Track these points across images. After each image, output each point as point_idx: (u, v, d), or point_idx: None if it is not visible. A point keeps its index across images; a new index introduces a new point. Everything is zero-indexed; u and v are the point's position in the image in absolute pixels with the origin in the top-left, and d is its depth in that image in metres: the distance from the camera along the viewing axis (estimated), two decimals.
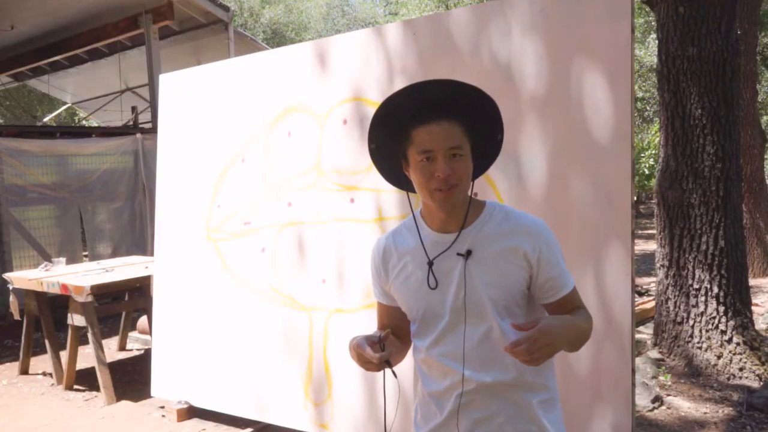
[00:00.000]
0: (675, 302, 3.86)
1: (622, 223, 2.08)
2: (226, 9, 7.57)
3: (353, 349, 1.24)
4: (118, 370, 4.29)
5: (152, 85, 7.14)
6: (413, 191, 1.31)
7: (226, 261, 3.14)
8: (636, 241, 2.09)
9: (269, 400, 2.94)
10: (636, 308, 3.98)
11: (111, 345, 4.93)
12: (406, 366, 1.37)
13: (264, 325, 2.98)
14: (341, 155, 2.72)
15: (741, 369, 3.61)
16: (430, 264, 1.25)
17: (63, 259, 4.67)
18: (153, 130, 6.39)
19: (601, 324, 2.12)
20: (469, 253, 1.24)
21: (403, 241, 1.33)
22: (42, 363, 4.45)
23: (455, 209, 1.24)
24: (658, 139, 7.34)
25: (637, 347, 4.02)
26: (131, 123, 8.89)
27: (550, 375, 1.31)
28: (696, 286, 3.76)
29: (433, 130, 1.19)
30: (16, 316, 4.26)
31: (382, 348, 1.19)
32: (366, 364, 1.22)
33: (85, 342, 4.23)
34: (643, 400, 3.28)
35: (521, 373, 1.24)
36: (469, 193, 1.27)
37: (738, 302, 3.75)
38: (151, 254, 4.27)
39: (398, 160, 1.28)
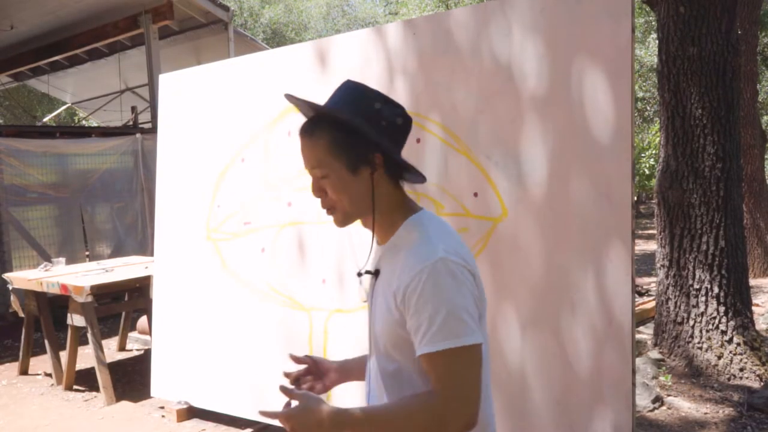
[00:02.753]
0: (675, 302, 3.85)
1: (622, 223, 2.07)
2: (226, 9, 7.57)
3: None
4: (117, 370, 4.29)
5: (152, 85, 7.14)
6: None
7: (226, 261, 3.14)
8: (636, 241, 2.08)
9: (269, 401, 2.94)
10: (636, 308, 3.98)
11: (111, 345, 4.93)
12: None
13: (264, 325, 2.97)
14: None
15: (741, 369, 3.61)
16: (359, 275, 1.16)
17: (63, 259, 4.67)
18: (153, 130, 6.39)
19: (601, 324, 2.11)
20: (377, 272, 1.12)
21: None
22: (42, 363, 4.44)
23: (367, 223, 1.13)
24: (658, 139, 7.34)
25: (638, 347, 4.02)
26: (131, 123, 8.88)
27: None
28: (696, 286, 3.76)
29: (301, 148, 1.10)
30: (20, 314, 4.25)
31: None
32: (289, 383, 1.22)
33: (85, 342, 4.23)
34: (643, 401, 3.28)
35: None
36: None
37: (738, 302, 3.74)
38: (151, 254, 4.27)
39: None
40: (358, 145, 1.06)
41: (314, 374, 1.25)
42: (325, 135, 1.07)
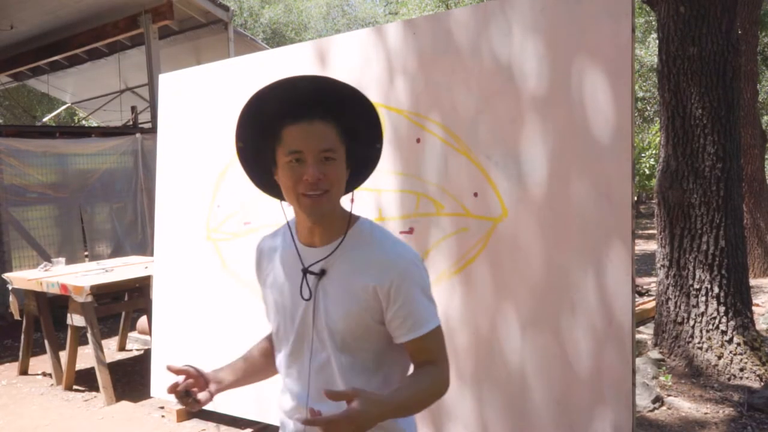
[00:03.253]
0: (675, 302, 3.85)
1: (622, 223, 2.07)
2: (226, 9, 7.56)
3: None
4: (117, 370, 4.29)
5: (152, 85, 7.14)
6: (283, 199, 1.20)
7: (226, 261, 3.14)
8: (636, 241, 2.08)
9: (269, 401, 2.93)
10: (636, 308, 3.97)
11: (110, 345, 4.93)
12: None
13: (264, 325, 2.96)
14: None
15: (742, 369, 3.61)
16: (305, 272, 1.15)
17: (62, 259, 4.66)
18: (153, 130, 6.39)
19: (601, 324, 2.11)
20: (322, 272, 1.14)
21: (275, 246, 1.26)
22: (41, 363, 4.44)
23: (324, 220, 1.13)
24: (658, 139, 7.33)
25: (638, 347, 4.02)
26: (131, 123, 8.88)
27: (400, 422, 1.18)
28: (696, 286, 3.75)
29: (304, 129, 1.08)
30: (16, 316, 4.25)
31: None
32: (180, 400, 1.20)
33: (85, 342, 4.23)
34: (643, 401, 3.28)
35: None
36: (349, 207, 1.18)
37: (738, 302, 3.74)
38: (151, 254, 4.27)
39: (266, 162, 1.16)
40: (356, 138, 1.15)
41: (199, 384, 1.21)
42: (336, 120, 1.11)
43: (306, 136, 1.08)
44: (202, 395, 1.21)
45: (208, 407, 3.20)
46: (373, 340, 1.14)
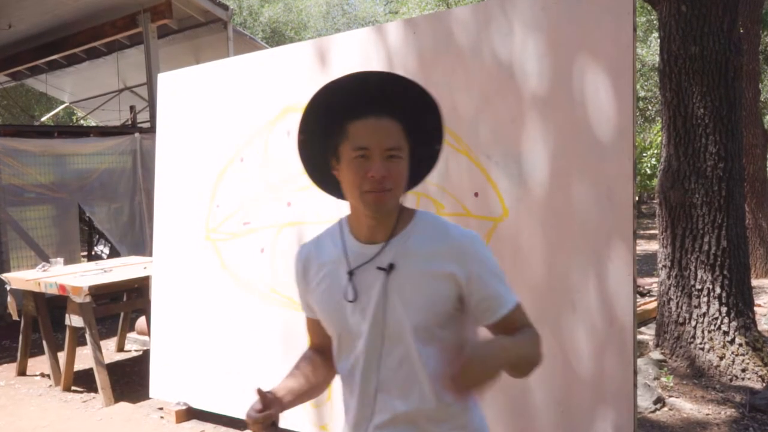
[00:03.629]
0: (677, 303, 3.83)
1: (623, 223, 2.05)
2: (225, 8, 7.55)
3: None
4: (116, 371, 4.27)
5: (150, 85, 7.11)
6: (339, 196, 1.19)
7: (225, 261, 3.12)
8: (638, 241, 2.06)
9: None
10: (638, 309, 3.95)
11: (109, 346, 4.91)
12: None
13: (263, 325, 2.95)
14: None
15: (743, 370, 3.59)
16: (351, 274, 1.12)
17: (61, 260, 4.65)
18: (151, 130, 6.36)
19: (602, 325, 2.10)
20: (391, 267, 1.11)
21: (324, 250, 1.20)
22: (40, 364, 4.42)
23: (386, 217, 1.12)
24: (660, 138, 7.32)
25: (639, 348, 4.00)
26: (129, 122, 8.87)
27: (473, 411, 1.18)
28: (698, 286, 3.74)
29: (371, 126, 1.07)
30: (15, 317, 4.24)
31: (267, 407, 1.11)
32: (253, 426, 1.13)
33: (83, 343, 4.21)
34: (645, 402, 3.26)
35: (443, 404, 1.11)
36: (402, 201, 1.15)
37: (740, 303, 3.72)
38: (150, 254, 4.25)
39: (327, 156, 1.14)
40: (418, 136, 1.13)
41: (271, 406, 1.17)
42: (403, 118, 1.10)
43: (373, 132, 1.07)
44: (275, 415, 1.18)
45: (207, 407, 3.19)
46: (453, 326, 1.14)
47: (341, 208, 1.17)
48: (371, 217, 1.11)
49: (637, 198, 3.43)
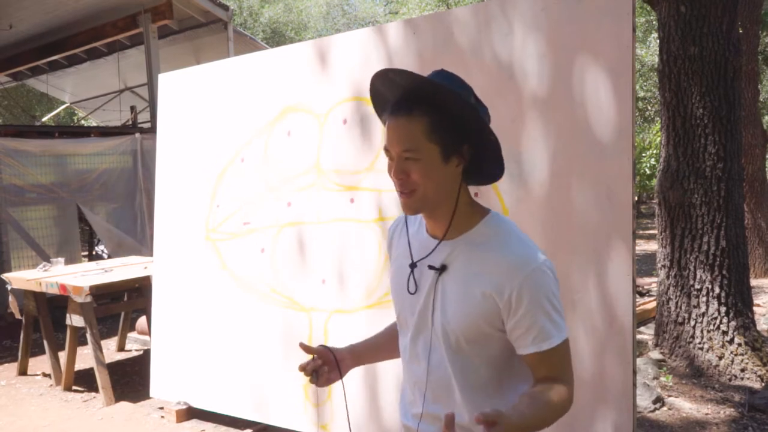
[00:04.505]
0: (676, 303, 3.84)
1: (623, 223, 2.06)
2: (226, 8, 7.56)
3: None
4: (117, 370, 4.28)
5: (151, 85, 7.12)
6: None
7: (225, 261, 3.13)
8: (637, 241, 2.07)
9: (269, 401, 2.93)
10: (637, 309, 3.96)
11: (110, 345, 4.92)
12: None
13: (263, 325, 2.96)
14: (341, 155, 2.70)
15: (742, 370, 3.60)
16: (413, 266, 1.14)
17: (61, 260, 4.65)
18: (152, 130, 6.38)
19: (602, 325, 2.10)
20: (443, 268, 1.10)
21: (407, 230, 1.22)
22: (41, 364, 4.43)
23: (433, 214, 1.11)
24: (659, 138, 7.33)
25: (639, 348, 4.01)
26: (130, 123, 8.89)
27: None
28: (697, 286, 3.75)
29: (391, 126, 1.05)
30: (17, 316, 4.25)
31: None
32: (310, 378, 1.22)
33: (84, 343, 4.22)
34: (644, 401, 3.27)
35: (472, 423, 1.07)
36: (457, 198, 1.10)
37: (739, 303, 3.73)
38: (150, 254, 4.26)
39: None
40: (454, 133, 1.06)
41: (329, 363, 1.23)
42: (425, 117, 1.04)
43: (391, 133, 1.05)
44: (332, 374, 1.24)
45: (207, 407, 3.20)
46: (490, 346, 1.09)
47: (341, 209, 1.18)
48: (420, 215, 1.14)
49: (636, 198, 3.44)
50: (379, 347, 1.35)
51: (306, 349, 1.23)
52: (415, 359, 1.16)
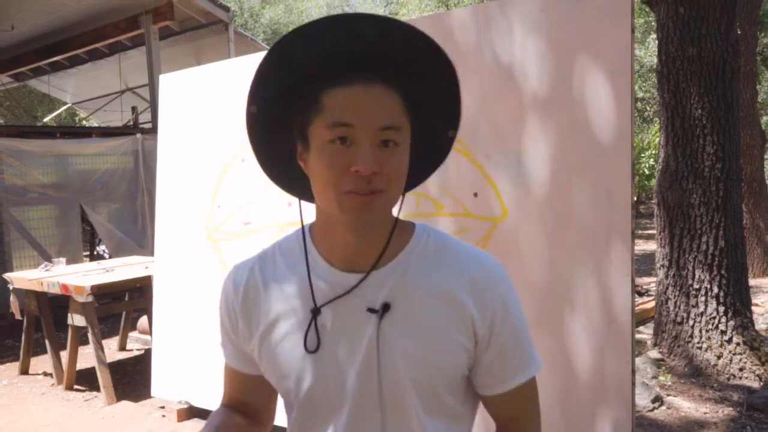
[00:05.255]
0: (675, 302, 3.86)
1: (622, 223, 2.07)
2: (227, 9, 7.57)
3: None
4: (118, 370, 4.29)
5: (152, 86, 7.14)
6: (304, 196, 0.88)
7: (226, 261, 3.14)
8: (636, 241, 2.08)
9: None
10: (636, 308, 3.98)
11: (111, 345, 4.93)
12: None
13: None
14: None
15: (741, 369, 3.62)
16: (315, 312, 0.79)
17: (63, 260, 4.67)
18: (153, 131, 6.40)
19: (601, 324, 2.12)
20: (386, 307, 0.77)
21: (278, 274, 0.85)
22: (42, 363, 4.45)
23: (372, 231, 0.79)
24: (658, 139, 7.34)
25: (637, 347, 4.02)
26: (131, 123, 8.90)
27: None
28: (696, 286, 3.76)
29: (358, 95, 0.72)
30: (17, 316, 4.26)
31: None
32: None
33: (86, 342, 4.23)
34: (643, 400, 3.28)
35: None
36: (396, 210, 0.82)
37: (738, 302, 3.75)
38: (151, 254, 4.27)
39: (290, 139, 0.79)
40: (423, 118, 0.78)
41: None
42: (401, 91, 0.75)
43: (361, 104, 0.71)
44: None
45: (209, 406, 3.21)
46: (463, 393, 0.83)
47: None
48: (352, 232, 0.78)
49: (635, 198, 3.45)
50: None
51: None
52: None
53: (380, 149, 0.72)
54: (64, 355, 4.06)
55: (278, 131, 0.80)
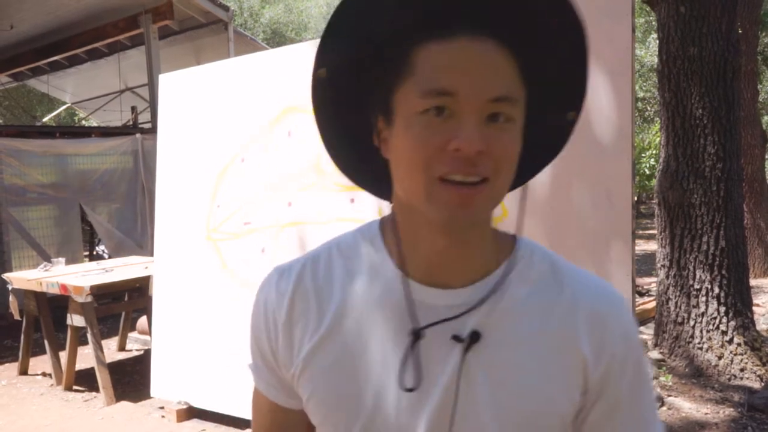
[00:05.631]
0: (676, 302, 3.85)
1: (622, 223, 2.07)
2: (226, 9, 7.57)
3: None
4: (117, 370, 4.28)
5: (152, 85, 7.13)
6: (379, 190, 0.69)
7: (226, 261, 3.14)
8: (637, 241, 2.07)
9: None
10: (637, 309, 3.98)
11: (110, 345, 4.92)
12: None
13: None
14: None
15: (742, 370, 3.61)
16: (416, 336, 0.60)
17: (62, 260, 4.67)
18: (153, 130, 6.38)
19: None
20: (474, 337, 0.60)
21: (338, 280, 0.67)
22: (41, 363, 4.44)
23: (467, 236, 0.62)
24: (658, 139, 7.34)
25: None
26: (131, 123, 8.89)
27: None
28: (697, 286, 3.75)
29: (462, 52, 0.54)
30: (16, 316, 4.25)
31: None
32: None
33: (85, 342, 4.23)
34: None
35: None
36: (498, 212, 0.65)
37: (739, 302, 3.74)
38: (151, 254, 4.27)
39: (367, 112, 0.62)
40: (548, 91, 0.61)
41: None
42: (514, 48, 0.56)
43: (467, 65, 0.54)
44: None
45: (208, 407, 3.21)
46: None
47: (341, 209, 1.00)
48: (443, 234, 0.60)
49: (635, 198, 3.45)
50: None
51: None
52: None
53: (487, 125, 0.55)
54: (64, 355, 4.05)
55: (353, 101, 0.63)
